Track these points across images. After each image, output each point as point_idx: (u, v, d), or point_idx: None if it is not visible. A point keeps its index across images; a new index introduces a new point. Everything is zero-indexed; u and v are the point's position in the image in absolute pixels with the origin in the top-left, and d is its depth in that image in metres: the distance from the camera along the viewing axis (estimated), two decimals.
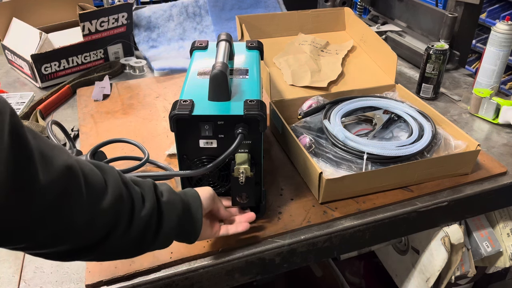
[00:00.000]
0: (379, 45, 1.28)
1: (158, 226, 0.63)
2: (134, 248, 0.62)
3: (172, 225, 0.65)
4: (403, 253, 1.16)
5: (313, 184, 0.89)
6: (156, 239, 0.64)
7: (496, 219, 1.09)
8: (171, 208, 0.65)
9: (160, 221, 0.64)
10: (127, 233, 0.59)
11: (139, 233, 0.60)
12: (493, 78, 1.27)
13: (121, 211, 0.57)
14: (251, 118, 0.73)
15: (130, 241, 0.60)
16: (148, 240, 0.63)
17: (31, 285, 0.74)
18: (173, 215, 0.65)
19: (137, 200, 0.60)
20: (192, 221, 0.69)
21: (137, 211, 0.60)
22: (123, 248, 0.61)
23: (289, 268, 0.85)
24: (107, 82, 1.34)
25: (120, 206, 0.57)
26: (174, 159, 1.00)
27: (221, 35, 0.89)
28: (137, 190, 0.61)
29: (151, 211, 0.62)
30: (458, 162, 0.94)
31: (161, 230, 0.64)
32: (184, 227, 0.68)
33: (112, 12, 1.41)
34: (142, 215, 0.60)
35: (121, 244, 0.59)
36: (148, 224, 0.61)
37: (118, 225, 0.57)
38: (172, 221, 0.65)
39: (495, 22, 1.41)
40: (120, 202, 0.57)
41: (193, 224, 0.69)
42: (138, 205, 0.60)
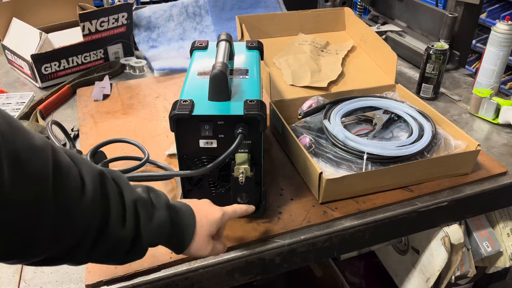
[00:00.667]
0: (379, 45, 1.28)
1: (132, 250, 0.59)
2: (105, 260, 0.59)
3: (146, 249, 0.61)
4: (403, 253, 1.16)
5: (313, 184, 0.89)
6: (128, 257, 0.60)
7: (496, 219, 1.09)
8: (154, 235, 0.61)
9: (135, 245, 0.59)
10: (94, 249, 0.55)
11: (107, 251, 0.57)
12: (493, 78, 1.27)
13: (91, 226, 0.53)
14: (251, 118, 0.73)
15: (96, 255, 0.56)
16: (117, 258, 0.59)
17: (31, 285, 0.74)
18: (152, 243, 0.61)
19: (114, 219, 0.55)
20: (180, 247, 0.66)
21: (111, 230, 0.55)
22: (94, 259, 0.58)
23: (289, 268, 0.85)
24: (107, 82, 1.34)
25: (90, 224, 0.53)
26: (174, 159, 1.00)
27: (221, 35, 0.89)
28: (118, 207, 0.56)
29: (128, 237, 0.57)
30: (458, 162, 0.94)
31: (133, 252, 0.60)
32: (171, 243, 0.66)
33: (112, 12, 1.41)
34: (117, 236, 0.56)
35: (85, 257, 0.56)
36: (122, 247, 0.57)
37: (81, 242, 0.53)
38: (145, 249, 0.61)
39: (495, 22, 1.41)
40: (92, 220, 0.53)
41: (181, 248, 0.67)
42: (114, 223, 0.55)
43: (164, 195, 0.65)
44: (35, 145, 0.47)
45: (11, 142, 0.44)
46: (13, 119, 0.47)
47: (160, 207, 0.62)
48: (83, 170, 0.53)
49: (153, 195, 0.63)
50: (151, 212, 0.61)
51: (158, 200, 0.63)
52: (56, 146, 0.51)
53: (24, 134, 0.47)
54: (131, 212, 0.58)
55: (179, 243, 0.66)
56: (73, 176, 0.51)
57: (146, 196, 0.62)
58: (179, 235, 0.66)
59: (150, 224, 0.60)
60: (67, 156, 0.52)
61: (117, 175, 0.60)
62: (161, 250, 0.77)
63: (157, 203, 0.62)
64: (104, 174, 0.56)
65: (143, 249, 0.61)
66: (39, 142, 0.48)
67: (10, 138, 0.45)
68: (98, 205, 0.53)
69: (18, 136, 0.46)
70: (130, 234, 0.57)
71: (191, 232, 0.66)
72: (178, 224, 0.65)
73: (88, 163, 0.55)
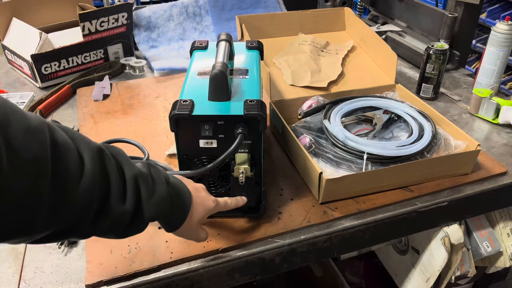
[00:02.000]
0: (379, 45, 1.28)
1: (133, 224, 0.60)
2: (107, 233, 0.60)
3: (146, 223, 0.62)
4: (403, 253, 1.16)
5: (313, 184, 0.89)
6: (130, 230, 0.61)
7: (496, 219, 1.09)
8: (154, 210, 0.61)
9: (136, 219, 0.60)
10: (96, 224, 0.55)
11: (109, 225, 0.57)
12: (493, 78, 1.27)
13: (91, 205, 0.53)
14: (251, 118, 0.73)
15: (98, 230, 0.57)
16: (119, 231, 0.60)
17: (31, 285, 0.74)
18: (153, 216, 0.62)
19: (115, 194, 0.56)
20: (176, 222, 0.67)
21: (111, 205, 0.55)
22: (96, 233, 0.58)
23: (289, 268, 0.85)
24: (107, 82, 1.34)
25: (91, 200, 0.53)
26: (174, 159, 1.00)
27: (221, 35, 0.89)
28: (118, 182, 0.56)
29: (129, 212, 0.58)
30: (458, 162, 0.94)
31: (134, 226, 0.61)
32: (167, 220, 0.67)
33: (112, 12, 1.41)
34: (118, 211, 0.56)
35: (88, 231, 0.56)
36: (123, 221, 0.58)
37: (82, 218, 0.53)
38: (145, 223, 0.62)
39: (495, 22, 1.41)
40: (93, 196, 0.53)
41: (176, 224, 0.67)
42: (115, 199, 0.56)
43: (164, 171, 0.66)
44: (32, 127, 0.47)
45: (6, 127, 0.44)
46: (7, 102, 0.47)
47: (160, 182, 0.63)
48: (81, 147, 0.53)
49: (154, 170, 0.63)
50: (152, 187, 0.61)
51: (158, 175, 0.63)
52: (52, 125, 0.51)
53: (20, 117, 0.47)
54: (131, 187, 0.58)
55: (173, 222, 0.67)
56: (71, 154, 0.51)
57: (146, 171, 0.61)
58: (176, 213, 0.66)
59: (151, 199, 0.60)
60: (64, 134, 0.52)
61: (116, 151, 0.59)
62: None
63: (158, 178, 0.63)
64: (103, 150, 0.56)
65: (144, 223, 0.61)
66: (35, 122, 0.48)
67: (5, 123, 0.45)
68: (98, 181, 0.53)
69: (14, 121, 0.46)
70: (131, 208, 0.57)
71: (185, 214, 0.67)
72: (177, 201, 0.66)
73: (86, 139, 0.55)
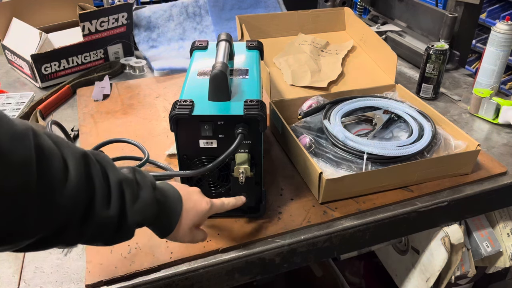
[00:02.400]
0: (379, 45, 1.28)
1: (119, 230, 0.59)
2: (95, 240, 0.59)
3: (133, 230, 0.62)
4: (403, 253, 1.16)
5: (313, 184, 0.89)
6: (116, 237, 0.60)
7: (496, 219, 1.09)
8: (139, 215, 0.61)
9: (122, 225, 0.59)
10: (82, 230, 0.55)
11: (95, 231, 0.57)
12: (493, 78, 1.27)
13: (76, 210, 0.53)
14: (251, 118, 0.73)
15: (84, 237, 0.56)
16: (106, 238, 0.59)
17: (31, 285, 0.74)
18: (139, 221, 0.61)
19: (100, 199, 0.55)
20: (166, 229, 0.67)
21: (95, 210, 0.55)
22: (83, 240, 0.57)
23: (289, 268, 0.85)
24: (107, 82, 1.34)
25: (76, 204, 0.53)
26: (174, 159, 1.00)
27: (221, 35, 0.89)
28: (103, 187, 0.56)
29: (114, 217, 0.57)
30: (458, 162, 0.94)
31: (121, 232, 0.60)
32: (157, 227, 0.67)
33: (112, 12, 1.41)
34: (103, 216, 0.56)
35: (74, 238, 0.56)
36: (109, 226, 0.58)
37: (68, 223, 0.53)
38: (132, 229, 0.61)
39: (495, 22, 1.41)
40: (78, 200, 0.53)
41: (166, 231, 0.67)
42: (100, 203, 0.55)
43: (151, 176, 0.65)
44: (17, 132, 0.47)
45: None
46: None
47: (146, 187, 0.62)
48: (66, 153, 0.53)
49: (139, 176, 0.63)
50: (137, 192, 0.61)
51: (144, 181, 0.63)
52: (37, 130, 0.51)
53: (6, 122, 0.47)
54: (116, 191, 0.58)
55: (164, 227, 0.67)
56: (56, 158, 0.51)
57: (131, 176, 0.62)
58: (165, 219, 0.66)
59: (135, 204, 0.60)
60: (49, 139, 0.52)
61: (101, 157, 0.59)
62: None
63: (143, 183, 0.62)
64: (87, 155, 0.56)
65: (130, 229, 0.61)
66: (20, 128, 0.48)
67: None
68: (83, 186, 0.53)
69: (1, 127, 0.46)
70: (115, 213, 0.57)
71: (176, 219, 0.67)
72: (164, 206, 0.65)
73: (70, 145, 0.55)
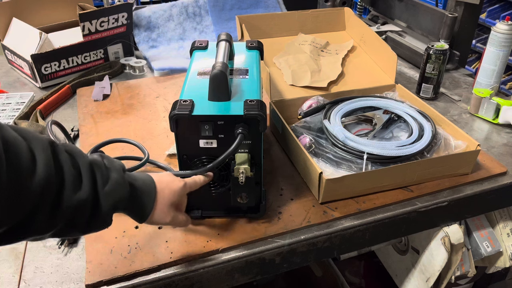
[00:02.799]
0: (379, 45, 1.28)
1: (94, 215, 0.60)
2: (69, 229, 0.59)
3: (109, 214, 0.62)
4: (403, 253, 1.16)
5: (313, 184, 0.89)
6: (93, 223, 0.60)
7: (496, 219, 1.09)
8: (112, 196, 0.61)
9: (97, 209, 0.60)
10: (54, 217, 0.55)
11: (69, 218, 0.57)
12: (493, 78, 1.27)
13: (46, 195, 0.53)
14: (251, 118, 0.73)
15: (58, 223, 0.56)
16: (80, 225, 0.59)
17: (31, 285, 0.74)
18: (112, 205, 0.61)
19: (70, 182, 0.56)
20: (141, 211, 0.67)
21: (66, 195, 0.56)
22: (57, 230, 0.57)
23: (289, 268, 0.85)
24: (107, 82, 1.34)
25: (46, 189, 0.53)
26: (174, 159, 1.00)
27: (221, 35, 0.89)
28: (72, 171, 0.57)
29: (86, 201, 0.58)
30: (458, 162, 0.94)
31: (97, 217, 0.60)
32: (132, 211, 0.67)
33: (112, 12, 1.41)
34: (75, 200, 0.56)
35: (47, 225, 0.56)
36: (82, 212, 0.58)
37: (38, 209, 0.53)
38: (107, 214, 0.61)
39: (495, 22, 1.41)
40: (47, 186, 0.53)
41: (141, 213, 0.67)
42: (70, 187, 0.56)
43: (119, 161, 0.66)
44: None
45: None
46: None
47: (115, 169, 0.63)
48: (32, 142, 0.54)
49: (107, 160, 0.64)
50: (106, 174, 0.62)
51: (112, 164, 0.64)
52: (2, 124, 0.53)
53: None
54: (86, 174, 0.58)
55: (140, 210, 0.67)
56: (22, 148, 0.52)
57: (100, 159, 0.63)
58: (139, 201, 0.66)
59: (106, 185, 0.61)
60: (13, 131, 0.53)
61: (69, 145, 0.61)
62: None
63: (112, 166, 0.63)
64: (54, 143, 0.57)
65: (105, 213, 0.61)
66: None
67: None
68: (51, 173, 0.54)
69: None
70: (88, 196, 0.58)
71: (152, 198, 0.67)
72: (137, 188, 0.66)
73: (36, 135, 0.56)
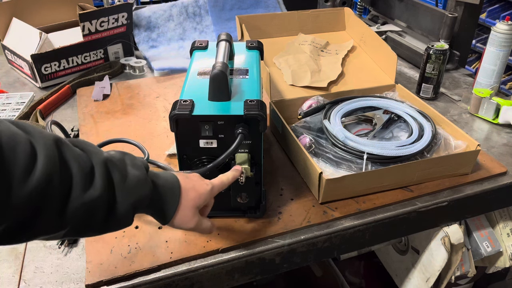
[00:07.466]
0: (379, 45, 1.28)
1: (111, 214, 0.56)
2: (85, 229, 0.56)
3: (129, 214, 0.58)
4: (403, 253, 1.16)
5: (313, 184, 0.89)
6: (111, 222, 0.57)
7: (496, 219, 1.09)
8: (132, 194, 0.58)
9: (114, 208, 0.56)
10: (64, 215, 0.52)
11: (82, 217, 0.53)
12: (493, 78, 1.27)
13: (49, 193, 0.50)
14: (251, 118, 0.73)
15: (68, 223, 0.53)
16: (95, 225, 0.56)
17: (31, 285, 0.74)
18: (130, 203, 0.58)
19: (78, 180, 0.53)
20: (163, 210, 0.63)
21: (75, 192, 0.52)
22: (70, 229, 0.54)
23: (289, 268, 0.85)
24: (107, 82, 1.34)
25: (48, 187, 0.49)
26: (174, 159, 1.00)
27: (221, 35, 0.89)
28: (81, 167, 0.53)
29: (100, 199, 0.54)
30: (458, 162, 0.94)
31: (115, 216, 0.57)
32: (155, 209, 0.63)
33: (112, 12, 1.41)
34: (86, 198, 0.53)
35: (56, 225, 0.52)
36: (94, 210, 0.54)
37: (42, 207, 0.50)
38: (126, 213, 0.58)
39: (495, 22, 1.41)
40: (49, 183, 0.49)
41: (164, 212, 0.64)
42: (79, 185, 0.53)
43: (142, 159, 0.63)
44: None
45: None
46: None
47: (137, 166, 0.60)
48: (35, 137, 0.51)
49: (129, 157, 0.61)
50: (125, 170, 0.58)
51: (134, 161, 0.60)
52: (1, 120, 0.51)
53: None
54: (100, 171, 0.55)
55: (163, 210, 0.64)
56: (21, 143, 0.49)
57: (119, 156, 0.60)
58: (162, 200, 0.63)
59: (125, 182, 0.57)
60: (13, 126, 0.51)
61: (81, 141, 0.58)
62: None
63: (133, 163, 0.60)
64: (59, 139, 0.54)
65: (124, 212, 0.58)
66: None
67: None
68: (54, 169, 0.50)
69: None
70: (101, 194, 0.54)
71: (176, 200, 0.64)
72: (159, 186, 0.62)
73: (41, 130, 0.53)
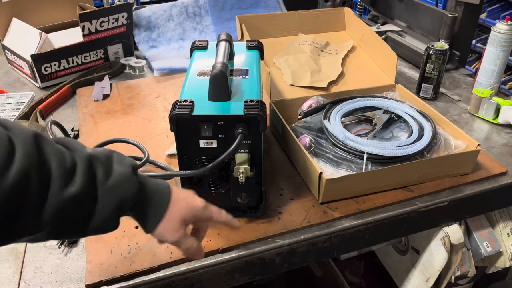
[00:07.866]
0: (379, 45, 1.28)
1: (91, 211, 0.54)
2: (67, 229, 0.54)
3: (113, 214, 0.55)
4: (403, 253, 1.16)
5: (313, 184, 0.89)
6: (93, 224, 0.54)
7: (496, 219, 1.09)
8: (116, 192, 0.55)
9: (96, 206, 0.54)
10: (43, 213, 0.50)
11: (60, 216, 0.51)
12: (493, 78, 1.27)
13: (26, 189, 0.48)
14: (251, 118, 0.73)
15: (49, 221, 0.51)
16: (78, 224, 0.54)
17: (31, 285, 0.74)
18: (112, 206, 0.55)
19: (58, 175, 0.51)
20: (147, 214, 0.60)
21: (53, 189, 0.50)
22: (50, 231, 0.52)
23: (289, 268, 0.85)
24: (107, 82, 1.34)
25: (25, 183, 0.48)
26: (174, 159, 1.00)
27: (221, 35, 0.89)
28: (61, 163, 0.51)
29: (80, 197, 0.52)
30: (458, 162, 0.94)
31: (97, 215, 0.54)
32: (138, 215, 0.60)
33: (112, 12, 1.41)
34: (65, 196, 0.51)
35: (36, 223, 0.50)
36: (75, 207, 0.52)
37: (21, 205, 0.48)
38: (109, 212, 0.55)
39: (495, 22, 1.41)
40: (25, 179, 0.48)
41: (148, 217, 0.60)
42: (58, 180, 0.50)
43: (131, 159, 0.60)
44: None
45: None
46: None
47: (123, 164, 0.57)
48: (14, 133, 0.50)
49: (117, 154, 0.59)
50: (110, 167, 0.56)
51: (121, 159, 0.58)
52: None
53: None
54: (82, 167, 0.53)
55: (146, 215, 0.60)
56: (0, 140, 0.48)
57: (106, 152, 0.58)
58: (148, 203, 0.60)
59: (109, 179, 0.54)
60: None
61: (66, 140, 0.56)
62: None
63: (119, 161, 0.57)
64: (39, 135, 0.53)
65: (108, 212, 0.55)
66: None
67: None
68: (32, 164, 0.49)
69: None
70: (81, 190, 0.52)
71: (163, 206, 0.60)
72: (147, 188, 0.60)
73: (21, 127, 0.52)
